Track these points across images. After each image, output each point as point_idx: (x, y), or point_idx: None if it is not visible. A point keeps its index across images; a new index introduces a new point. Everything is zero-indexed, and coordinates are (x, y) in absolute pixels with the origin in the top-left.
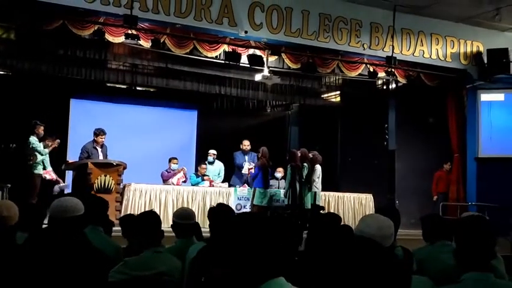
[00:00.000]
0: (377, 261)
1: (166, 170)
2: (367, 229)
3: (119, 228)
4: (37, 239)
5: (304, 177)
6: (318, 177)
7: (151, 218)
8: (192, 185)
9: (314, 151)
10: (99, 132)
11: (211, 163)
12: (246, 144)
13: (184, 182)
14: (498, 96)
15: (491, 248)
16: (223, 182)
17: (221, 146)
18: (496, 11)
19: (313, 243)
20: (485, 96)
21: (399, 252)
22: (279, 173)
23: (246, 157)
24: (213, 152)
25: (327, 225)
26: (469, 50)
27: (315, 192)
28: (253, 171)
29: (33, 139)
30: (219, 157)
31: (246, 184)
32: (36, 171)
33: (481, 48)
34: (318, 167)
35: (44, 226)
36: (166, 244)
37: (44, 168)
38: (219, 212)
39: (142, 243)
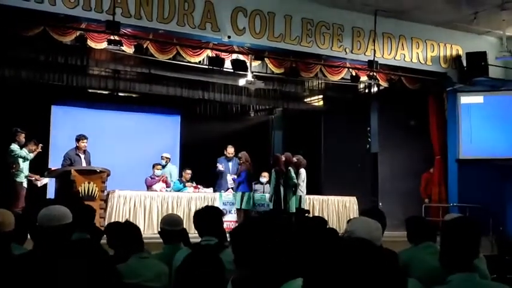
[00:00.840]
0: (374, 260)
1: (150, 176)
2: (356, 232)
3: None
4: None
5: (290, 180)
6: (303, 181)
7: (131, 226)
8: (175, 191)
9: (298, 155)
10: (80, 137)
11: (164, 166)
12: (230, 151)
13: (168, 187)
14: (477, 99)
15: (476, 248)
16: (208, 187)
17: (205, 151)
18: (473, 15)
19: (300, 246)
20: (465, 99)
21: None
22: (264, 177)
23: (230, 163)
24: (166, 155)
25: (314, 229)
26: (448, 53)
27: (300, 196)
28: (235, 179)
29: (14, 146)
30: (204, 162)
31: (230, 189)
32: (18, 179)
33: (460, 52)
34: (303, 171)
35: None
36: (153, 251)
37: (25, 177)
38: (206, 215)
39: (127, 250)
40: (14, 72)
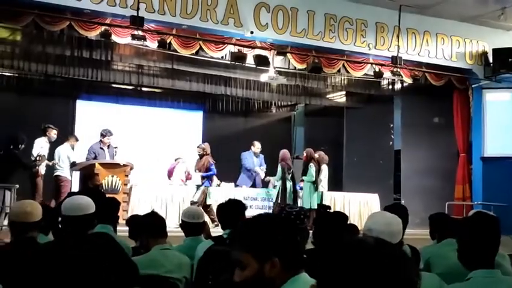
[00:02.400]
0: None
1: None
2: (375, 225)
3: (124, 228)
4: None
5: (314, 177)
6: (325, 177)
7: (155, 217)
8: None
9: (320, 151)
10: (106, 133)
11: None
12: (258, 147)
13: (188, 179)
14: (504, 96)
15: (496, 244)
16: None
17: (226, 146)
18: (501, 11)
19: (321, 241)
20: (490, 96)
21: (407, 250)
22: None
23: (256, 159)
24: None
25: (334, 224)
26: (474, 49)
27: (322, 192)
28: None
29: (42, 141)
30: (224, 157)
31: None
32: (40, 172)
33: (487, 48)
34: (325, 167)
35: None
36: (174, 244)
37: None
38: (230, 207)
39: (149, 242)
40: (41, 66)
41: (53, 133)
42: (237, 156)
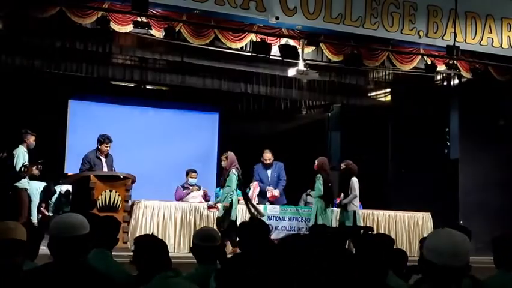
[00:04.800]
0: None
1: (183, 185)
2: (439, 244)
3: (123, 253)
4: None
5: (321, 190)
6: (355, 192)
7: (156, 240)
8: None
9: (348, 160)
10: (104, 139)
11: None
12: (267, 157)
13: (206, 201)
14: None
15: None
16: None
17: (248, 155)
18: None
19: (360, 269)
20: None
21: (466, 284)
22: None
23: (269, 172)
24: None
25: (378, 249)
26: None
27: (354, 211)
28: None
29: (21, 150)
30: (246, 167)
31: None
32: (21, 186)
33: None
34: (355, 180)
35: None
36: (184, 272)
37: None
38: (251, 229)
39: (151, 269)
40: (26, 60)
41: (32, 139)
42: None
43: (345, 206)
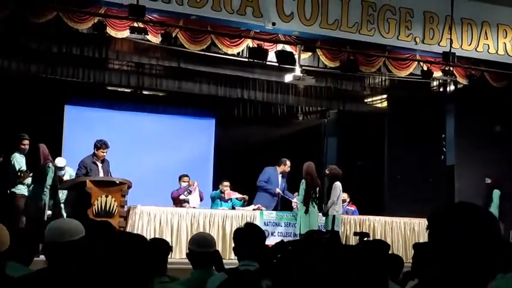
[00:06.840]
0: None
1: (177, 190)
2: None
3: None
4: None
5: (303, 195)
6: (338, 197)
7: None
8: (212, 197)
9: (333, 165)
10: (101, 144)
11: None
12: (289, 167)
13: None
14: None
15: None
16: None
17: (244, 161)
18: None
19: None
20: None
21: None
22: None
23: (281, 179)
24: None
25: (373, 254)
26: None
27: (334, 216)
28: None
29: (17, 155)
30: (242, 173)
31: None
32: (19, 192)
33: None
34: (338, 185)
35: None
36: (181, 277)
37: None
38: (247, 234)
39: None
40: (23, 65)
41: (27, 144)
42: (256, 173)
43: (327, 211)
